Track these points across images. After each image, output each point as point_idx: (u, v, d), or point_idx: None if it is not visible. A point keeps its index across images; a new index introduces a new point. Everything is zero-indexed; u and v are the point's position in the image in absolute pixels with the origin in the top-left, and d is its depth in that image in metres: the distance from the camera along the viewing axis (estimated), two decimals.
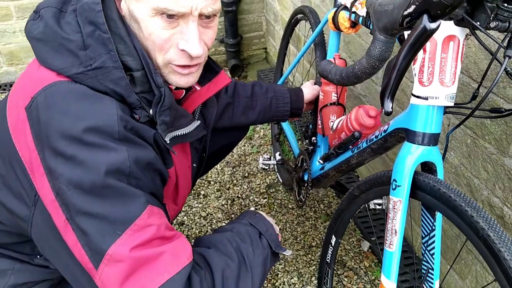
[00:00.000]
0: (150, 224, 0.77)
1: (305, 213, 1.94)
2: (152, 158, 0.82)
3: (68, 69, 0.77)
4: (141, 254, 0.75)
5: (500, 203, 1.22)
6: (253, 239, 0.95)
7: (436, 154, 0.92)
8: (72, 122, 0.74)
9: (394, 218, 0.94)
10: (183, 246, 0.82)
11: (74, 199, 0.74)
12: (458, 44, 0.84)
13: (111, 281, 0.75)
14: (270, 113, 1.41)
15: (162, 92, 0.82)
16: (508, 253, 0.73)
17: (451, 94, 0.86)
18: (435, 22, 0.55)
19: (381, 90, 0.61)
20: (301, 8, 1.79)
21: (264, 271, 0.93)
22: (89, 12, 0.78)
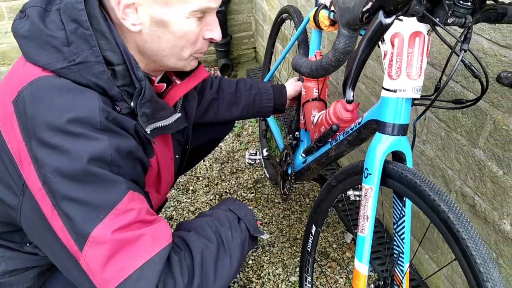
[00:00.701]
0: (131, 208, 0.81)
1: (291, 207, 1.99)
2: (133, 147, 0.86)
3: (53, 64, 0.82)
4: (122, 236, 0.79)
5: (472, 193, 1.28)
6: (231, 223, 1.00)
7: (405, 143, 0.97)
8: (56, 114, 0.79)
9: (366, 205, 0.99)
10: (162, 229, 0.86)
11: (59, 186, 0.79)
12: (423, 39, 0.89)
13: (94, 262, 0.79)
14: (253, 109, 1.46)
15: (143, 85, 0.87)
16: (466, 233, 0.78)
17: (418, 86, 0.92)
18: (390, 17, 0.61)
19: (343, 80, 0.66)
20: (286, 7, 1.85)
21: (242, 252, 0.98)
22: (72, 11, 0.82)
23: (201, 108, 1.37)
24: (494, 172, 1.17)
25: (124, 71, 0.86)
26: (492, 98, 1.12)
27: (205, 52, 3.25)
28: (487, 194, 1.22)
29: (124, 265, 0.79)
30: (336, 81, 2.00)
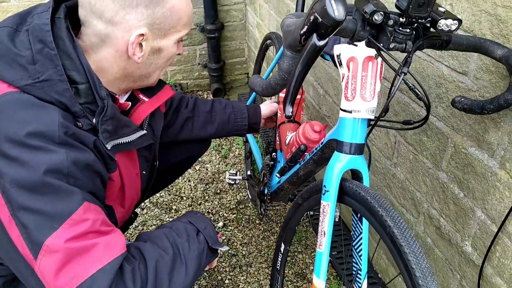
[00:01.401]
0: (86, 219, 0.85)
1: (271, 228, 2.01)
2: (91, 160, 0.90)
3: (18, 81, 0.87)
4: (75, 245, 0.82)
5: (437, 215, 1.31)
6: (190, 234, 1.03)
7: (361, 162, 1.01)
8: (17, 127, 0.83)
9: (323, 221, 1.02)
10: (116, 239, 0.89)
11: (16, 196, 0.82)
12: (376, 64, 0.95)
13: (48, 270, 0.82)
14: (228, 127, 1.51)
15: (105, 104, 0.92)
16: (408, 247, 0.81)
17: (372, 108, 0.96)
18: (323, 40, 0.66)
19: (283, 97, 0.71)
20: (269, 34, 1.92)
21: (199, 263, 1.01)
22: (39, 32, 0.88)
23: (176, 127, 1.42)
24: (455, 194, 1.21)
25: (87, 89, 0.91)
26: (452, 122, 1.17)
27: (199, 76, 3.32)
28: (450, 216, 1.25)
29: (76, 273, 0.82)
30: (318, 105, 2.05)
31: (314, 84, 2.06)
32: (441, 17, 0.80)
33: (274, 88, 0.83)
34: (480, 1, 0.99)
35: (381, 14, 0.78)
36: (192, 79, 3.25)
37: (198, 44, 3.10)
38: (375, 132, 1.58)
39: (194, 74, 3.23)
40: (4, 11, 2.68)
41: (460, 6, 1.05)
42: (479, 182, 1.10)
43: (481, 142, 1.07)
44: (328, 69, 1.90)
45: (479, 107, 0.95)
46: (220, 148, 2.58)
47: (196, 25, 3.00)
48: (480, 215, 1.12)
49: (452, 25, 0.81)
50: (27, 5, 2.67)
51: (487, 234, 1.10)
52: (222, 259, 1.85)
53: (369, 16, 0.78)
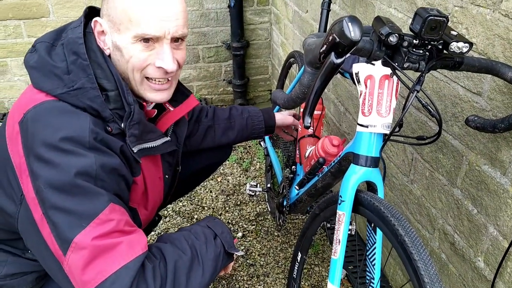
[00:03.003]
0: (111, 219, 0.92)
1: (289, 240, 2.06)
2: (117, 164, 0.98)
3: (54, 90, 0.96)
4: (101, 243, 0.89)
5: (452, 231, 1.34)
6: (207, 238, 1.09)
7: (376, 175, 1.07)
8: (51, 132, 0.91)
9: (339, 229, 1.07)
10: (138, 239, 0.96)
11: (49, 196, 0.90)
12: (392, 82, 1.01)
13: (76, 265, 0.89)
14: (247, 131, 1.58)
15: (132, 109, 1.00)
16: (417, 255, 0.86)
17: (387, 123, 1.02)
18: (340, 58, 0.73)
19: (303, 109, 0.77)
20: (292, 52, 2.00)
21: (216, 266, 1.07)
22: (73, 45, 0.98)
23: (199, 136, 1.50)
24: (469, 211, 1.24)
25: (116, 96, 1.00)
26: (467, 140, 1.21)
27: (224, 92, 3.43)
28: (464, 232, 1.28)
29: (101, 269, 0.89)
30: (339, 122, 2.11)
31: (335, 102, 2.12)
32: (452, 40, 0.86)
33: (295, 101, 0.90)
34: (493, 26, 1.05)
35: (396, 36, 0.84)
36: (216, 94, 3.35)
37: (224, 61, 3.21)
38: (393, 149, 1.62)
39: (219, 89, 3.34)
40: (44, 26, 2.85)
41: (475, 30, 1.11)
42: (491, 199, 1.14)
43: (494, 160, 1.11)
44: (349, 87, 1.96)
45: (491, 126, 0.99)
46: (242, 161, 2.65)
47: (223, 43, 3.12)
48: (493, 231, 1.15)
49: (464, 48, 0.87)
50: (64, 20, 2.84)
51: (499, 250, 1.13)
52: (240, 268, 1.90)
53: (385, 38, 0.84)
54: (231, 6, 2.92)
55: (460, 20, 1.16)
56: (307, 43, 0.82)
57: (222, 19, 3.04)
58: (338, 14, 1.95)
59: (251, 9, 3.06)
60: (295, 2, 2.52)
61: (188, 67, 3.16)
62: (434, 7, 0.86)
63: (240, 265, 1.92)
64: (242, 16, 3.00)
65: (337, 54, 0.72)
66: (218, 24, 3.06)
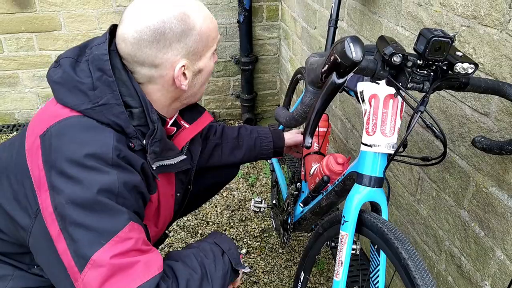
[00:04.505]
0: (130, 237, 0.92)
1: (294, 258, 2.03)
2: (138, 182, 0.98)
3: (80, 105, 0.97)
4: (119, 262, 0.89)
5: (459, 253, 1.31)
6: (216, 255, 1.09)
7: (380, 195, 1.05)
8: (76, 148, 0.92)
9: (341, 250, 1.05)
10: (155, 259, 0.96)
11: (70, 212, 0.90)
12: (396, 101, 0.99)
13: (92, 283, 0.88)
14: (255, 152, 1.57)
15: (156, 127, 1.01)
16: (421, 280, 0.84)
17: (391, 143, 1.01)
18: (342, 78, 0.72)
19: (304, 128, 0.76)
20: (299, 69, 2.00)
21: (224, 283, 1.06)
22: (98, 61, 0.98)
23: (206, 153, 1.49)
24: (476, 233, 1.21)
25: (140, 113, 1.00)
26: (474, 161, 1.19)
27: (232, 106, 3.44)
28: (471, 255, 1.25)
29: (118, 287, 0.88)
30: (346, 139, 2.10)
31: (342, 119, 2.10)
32: (457, 60, 0.85)
33: (297, 120, 0.89)
34: (501, 46, 1.03)
35: (400, 56, 0.84)
36: (224, 109, 3.36)
37: (232, 76, 3.22)
38: (399, 168, 1.60)
39: (227, 103, 3.35)
40: (55, 39, 2.89)
41: (482, 50, 1.10)
42: (499, 222, 1.11)
43: (501, 182, 1.09)
44: (356, 104, 1.95)
45: (498, 148, 0.97)
46: (248, 177, 2.64)
47: (232, 58, 3.13)
48: (500, 255, 1.12)
49: (469, 69, 0.86)
50: (76, 34, 2.88)
51: (506, 274, 1.10)
52: (244, 285, 1.88)
53: (388, 58, 0.83)
54: (241, 22, 2.94)
55: (467, 39, 1.15)
56: (309, 62, 0.82)
57: (231, 34, 3.06)
58: (345, 31, 1.95)
59: (260, 24, 3.08)
60: (304, 18, 2.53)
61: None
62: (439, 28, 0.85)
63: (244, 282, 1.90)
64: (251, 31, 3.02)
65: (339, 74, 0.71)
66: (227, 39, 3.08)
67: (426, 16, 1.31)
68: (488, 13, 1.06)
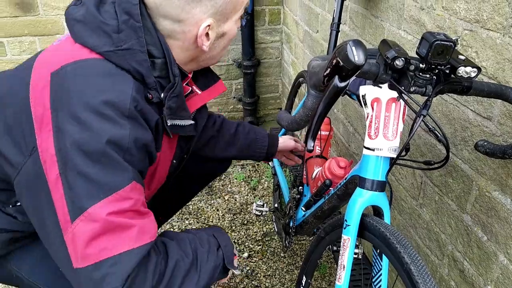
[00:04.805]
0: (130, 197, 0.88)
1: (295, 262, 2.03)
2: (149, 140, 0.94)
3: (101, 47, 0.92)
4: (115, 220, 0.86)
5: (461, 258, 1.30)
6: (211, 247, 1.07)
7: (382, 199, 1.04)
8: (93, 93, 0.87)
9: (343, 255, 1.05)
10: (149, 226, 0.93)
11: (74, 157, 0.85)
12: (399, 105, 0.99)
13: (81, 236, 0.85)
14: (248, 152, 1.55)
15: (176, 81, 0.98)
16: (423, 285, 0.83)
17: (394, 147, 1.00)
18: (344, 82, 0.72)
19: (306, 132, 0.76)
20: (301, 72, 2.00)
21: (211, 277, 1.04)
22: (126, 4, 0.94)
23: (201, 142, 1.47)
24: (479, 238, 1.20)
25: (162, 64, 0.97)
26: (476, 165, 1.18)
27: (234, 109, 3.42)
28: (474, 260, 1.24)
29: (106, 247, 0.86)
30: (348, 142, 2.09)
31: (344, 122, 2.10)
32: (460, 64, 0.84)
33: (299, 124, 0.89)
34: (504, 50, 1.03)
35: (402, 59, 0.83)
36: (227, 112, 3.36)
37: (235, 79, 3.22)
38: (401, 172, 1.60)
39: (229, 107, 3.35)
40: None
41: (485, 53, 1.09)
42: (502, 226, 1.11)
43: (504, 186, 1.08)
44: (358, 108, 1.95)
45: (501, 152, 0.97)
46: (250, 180, 2.63)
47: (234, 61, 3.14)
48: (503, 259, 1.11)
49: (472, 73, 0.85)
50: None
51: (509, 279, 1.10)
52: None
53: (391, 61, 0.83)
54: (243, 25, 2.94)
55: (469, 43, 1.14)
56: (311, 66, 0.81)
57: None
58: (348, 35, 1.95)
59: (263, 28, 3.08)
60: (306, 22, 2.53)
61: None
62: (441, 32, 0.85)
63: (245, 286, 1.89)
64: (253, 35, 3.02)
65: (341, 78, 0.71)
66: None
67: (428, 20, 1.31)
68: (490, 17, 1.06)
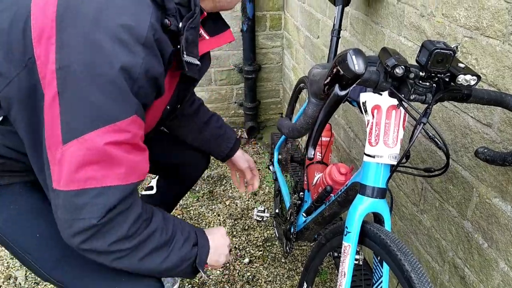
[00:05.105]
0: (128, 130, 0.86)
1: (296, 268, 2.02)
2: (160, 73, 0.91)
3: None
4: (110, 152, 0.84)
5: (462, 264, 1.30)
6: (189, 239, 1.06)
7: (383, 206, 1.05)
8: (111, 14, 0.82)
9: (344, 261, 1.05)
10: (142, 165, 0.92)
11: (78, 80, 0.81)
12: (399, 112, 1.00)
13: (72, 159, 0.83)
14: (210, 146, 1.53)
15: (197, 11, 0.94)
16: None
17: (394, 154, 1.01)
18: (345, 90, 0.72)
19: (306, 140, 0.77)
20: (302, 78, 2.00)
21: (177, 265, 1.02)
22: None
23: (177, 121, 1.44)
24: (480, 245, 1.20)
25: None
26: (477, 172, 1.18)
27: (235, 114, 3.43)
28: (474, 266, 1.24)
29: (95, 176, 0.84)
30: (349, 148, 2.09)
31: (345, 127, 2.11)
32: (460, 72, 0.85)
33: (299, 131, 0.89)
34: (503, 57, 1.04)
35: (402, 68, 0.84)
36: (228, 117, 3.36)
37: (236, 84, 3.23)
38: (402, 178, 1.60)
39: (230, 112, 3.35)
40: None
41: (485, 60, 1.10)
42: (502, 233, 1.11)
43: (504, 193, 1.09)
44: (359, 113, 1.96)
45: (501, 159, 0.97)
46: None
47: (235, 66, 3.15)
48: (503, 266, 1.11)
49: (471, 81, 0.86)
50: None
51: (510, 286, 1.09)
52: None
53: (391, 69, 0.84)
54: (244, 31, 2.96)
55: (469, 50, 1.15)
56: (312, 74, 0.82)
57: (235, 43, 3.07)
58: (348, 41, 1.96)
59: (264, 33, 3.09)
60: (307, 28, 2.54)
61: (200, 90, 3.19)
62: (441, 40, 0.85)
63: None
64: (254, 40, 3.03)
65: (341, 86, 0.71)
66: (231, 47, 3.09)
67: (428, 26, 1.32)
68: (490, 25, 1.06)
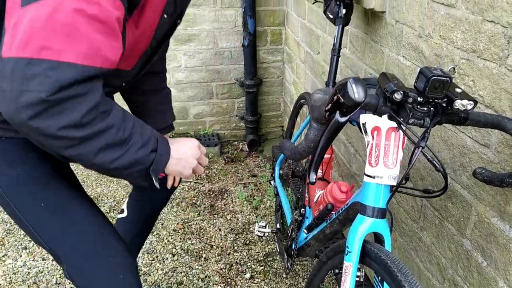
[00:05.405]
0: (100, 3, 0.77)
1: (297, 283, 2.03)
2: None
3: None
4: (75, 20, 0.75)
5: (462, 282, 1.31)
6: (149, 144, 0.97)
7: (383, 226, 1.06)
8: None
9: (345, 281, 1.06)
10: (111, 51, 0.83)
11: None
12: (399, 134, 1.02)
13: (29, 23, 0.74)
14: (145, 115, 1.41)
15: None
16: None
17: (394, 175, 1.03)
18: (345, 117, 0.75)
19: (308, 165, 0.79)
20: (303, 94, 2.03)
21: (129, 167, 0.94)
22: None
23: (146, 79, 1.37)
24: (479, 263, 1.22)
25: None
26: (475, 191, 1.20)
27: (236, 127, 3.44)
28: (474, 285, 1.25)
29: (51, 47, 0.75)
30: (349, 163, 2.11)
31: (346, 143, 2.13)
32: (457, 97, 0.87)
33: (301, 154, 0.92)
34: (500, 80, 1.06)
35: (401, 93, 0.86)
36: (229, 130, 3.39)
37: (237, 98, 3.26)
38: (402, 195, 1.61)
39: (232, 125, 3.38)
40: None
41: (482, 83, 1.12)
42: (501, 252, 1.12)
43: (502, 213, 1.10)
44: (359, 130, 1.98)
45: (499, 180, 0.99)
46: (252, 199, 2.65)
47: (236, 80, 3.18)
48: (502, 285, 1.12)
49: (468, 105, 0.88)
50: None
51: None
52: None
53: (390, 95, 0.86)
54: (245, 45, 3.00)
55: (466, 72, 1.18)
56: (313, 99, 0.84)
57: (236, 57, 3.11)
58: (348, 58, 1.99)
59: (264, 48, 3.13)
60: (307, 43, 2.58)
61: (202, 103, 3.22)
62: (438, 67, 0.88)
63: None
64: (255, 54, 3.07)
65: (342, 113, 0.74)
66: (232, 62, 3.13)
67: (426, 47, 1.35)
68: (487, 48, 1.09)
